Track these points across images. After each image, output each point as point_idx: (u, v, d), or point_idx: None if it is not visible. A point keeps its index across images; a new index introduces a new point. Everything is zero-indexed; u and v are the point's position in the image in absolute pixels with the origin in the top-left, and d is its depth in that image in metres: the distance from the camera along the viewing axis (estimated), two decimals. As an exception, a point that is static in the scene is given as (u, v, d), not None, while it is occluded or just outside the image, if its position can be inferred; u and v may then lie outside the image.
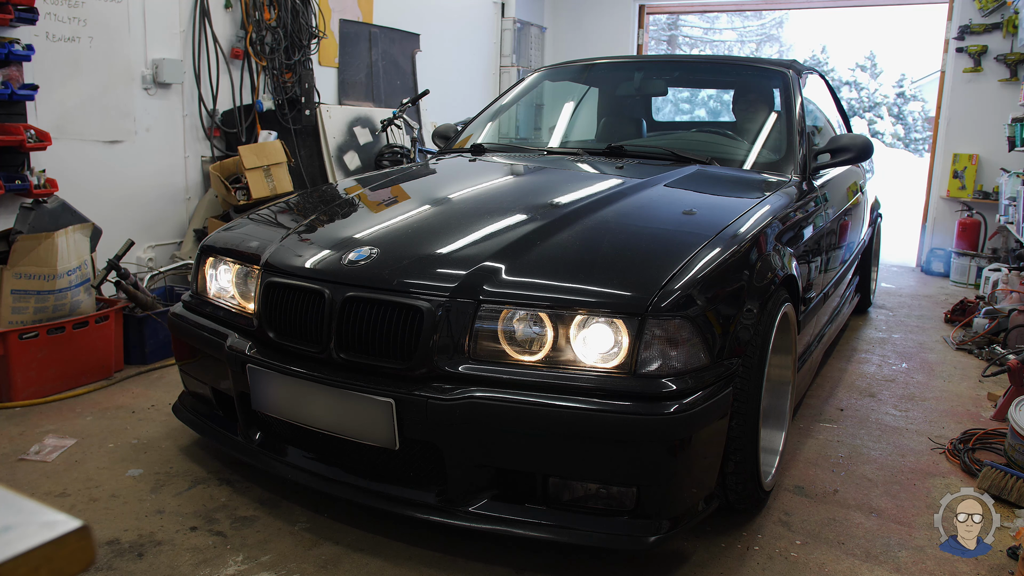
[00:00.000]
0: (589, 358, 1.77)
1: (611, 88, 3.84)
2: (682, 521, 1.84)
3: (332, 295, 1.92)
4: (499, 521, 1.83)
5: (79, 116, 3.75)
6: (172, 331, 2.47)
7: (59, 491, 2.24)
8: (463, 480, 1.84)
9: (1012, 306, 4.08)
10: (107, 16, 3.82)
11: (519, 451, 1.81)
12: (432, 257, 1.98)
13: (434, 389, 1.80)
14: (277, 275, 2.07)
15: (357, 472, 2.01)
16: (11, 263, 2.93)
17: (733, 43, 28.58)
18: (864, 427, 2.92)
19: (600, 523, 1.80)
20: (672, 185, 2.56)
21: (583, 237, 2.07)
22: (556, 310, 1.78)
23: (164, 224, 4.28)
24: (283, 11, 4.61)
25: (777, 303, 2.14)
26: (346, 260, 2.00)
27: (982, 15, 6.11)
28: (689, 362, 1.77)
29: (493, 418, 1.76)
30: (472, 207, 2.42)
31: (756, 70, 3.62)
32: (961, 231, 6.18)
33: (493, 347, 1.82)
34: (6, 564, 0.54)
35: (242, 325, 2.18)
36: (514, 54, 7.28)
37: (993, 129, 6.02)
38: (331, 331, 1.92)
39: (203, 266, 2.41)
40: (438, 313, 1.82)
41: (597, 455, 1.77)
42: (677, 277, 1.82)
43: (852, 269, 3.85)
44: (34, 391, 2.94)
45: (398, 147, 5.23)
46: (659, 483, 1.77)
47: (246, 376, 2.07)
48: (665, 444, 1.73)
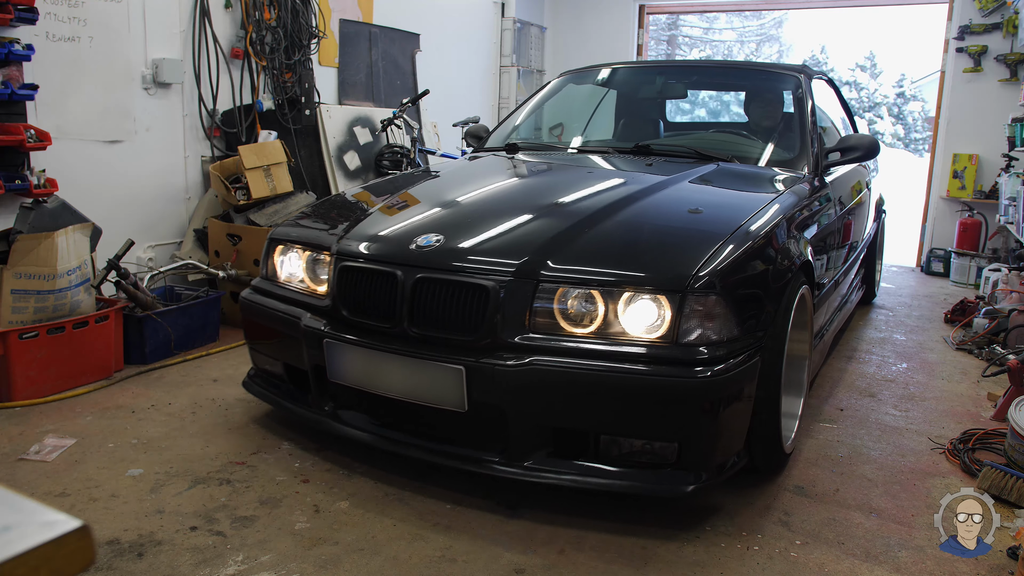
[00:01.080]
0: (635, 330, 2.03)
1: (633, 91, 4.11)
2: (716, 473, 2.09)
3: (404, 277, 2.17)
4: (556, 473, 2.08)
5: (79, 116, 3.75)
6: (244, 313, 2.71)
7: (59, 491, 2.24)
8: (523, 438, 2.09)
9: (1012, 306, 4.08)
10: (107, 16, 3.82)
11: (574, 412, 2.05)
12: (493, 243, 2.25)
13: (499, 357, 2.05)
14: (351, 260, 2.31)
15: (423, 435, 2.25)
16: (11, 263, 2.93)
17: (733, 43, 28.58)
18: (864, 427, 2.92)
19: (645, 475, 2.06)
20: (698, 180, 2.81)
21: (626, 225, 2.34)
22: (606, 288, 2.05)
23: (164, 224, 4.28)
24: (283, 11, 4.60)
25: (796, 285, 2.40)
26: (414, 245, 2.24)
27: (982, 15, 6.11)
28: (723, 333, 2.03)
29: (551, 382, 2.01)
30: (521, 198, 2.71)
31: (770, 74, 3.91)
32: (961, 231, 6.18)
33: (550, 321, 2.08)
34: (6, 564, 0.54)
35: (313, 305, 2.42)
36: (514, 54, 7.28)
37: (993, 129, 6.02)
38: (403, 308, 2.16)
39: (272, 254, 2.67)
40: (501, 292, 2.07)
41: (644, 414, 2.02)
42: (711, 260, 2.08)
43: (859, 261, 4.06)
44: (34, 391, 2.94)
45: (398, 147, 5.23)
46: (698, 439, 2.03)
47: (322, 350, 2.30)
48: (703, 404, 1.98)
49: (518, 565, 1.92)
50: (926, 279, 6.23)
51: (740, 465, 2.20)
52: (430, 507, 2.20)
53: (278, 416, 2.85)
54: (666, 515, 2.19)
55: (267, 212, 4.15)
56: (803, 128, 3.28)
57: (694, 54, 27.66)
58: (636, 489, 2.05)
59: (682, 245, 2.23)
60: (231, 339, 3.81)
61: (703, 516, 2.19)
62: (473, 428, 2.18)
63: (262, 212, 4.14)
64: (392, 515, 2.15)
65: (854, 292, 4.16)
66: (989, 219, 6.13)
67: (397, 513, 2.16)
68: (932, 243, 6.56)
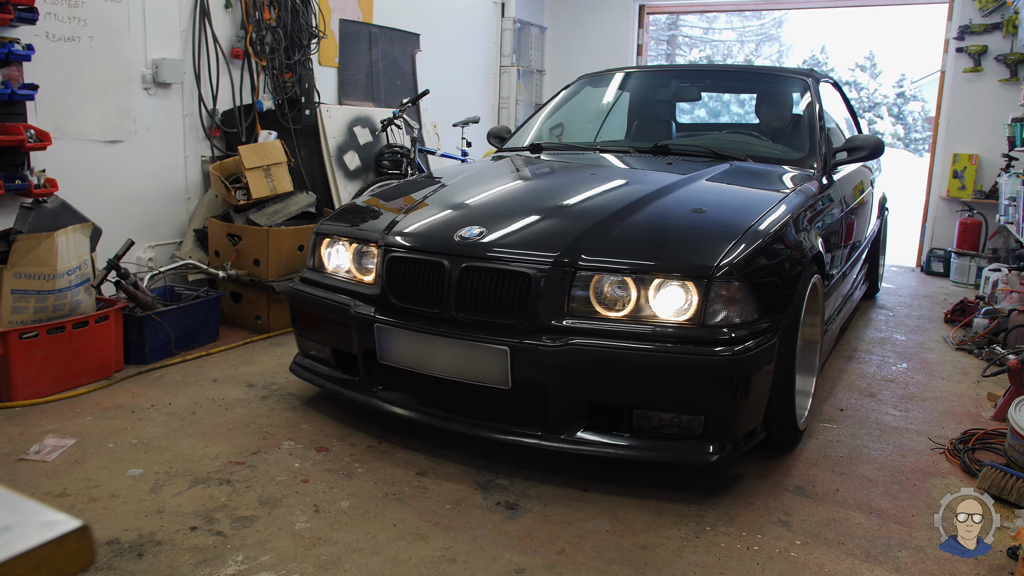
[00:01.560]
0: (665, 313, 2.23)
1: (648, 94, 4.32)
2: (739, 444, 2.28)
3: (451, 266, 2.37)
4: (592, 444, 2.27)
5: (79, 116, 3.75)
6: (293, 302, 2.88)
7: (59, 491, 2.24)
8: (562, 413, 2.28)
9: (1012, 306, 4.08)
10: (107, 16, 3.82)
11: (609, 388, 2.25)
12: (531, 235, 2.45)
13: (540, 339, 2.25)
14: (399, 251, 2.50)
15: (464, 412, 2.44)
16: (11, 263, 2.93)
17: (733, 43, 28.58)
18: (864, 427, 2.92)
19: (674, 445, 2.26)
20: (716, 178, 2.99)
21: (653, 218, 2.54)
22: (638, 275, 2.24)
23: (164, 224, 4.28)
24: (283, 11, 4.60)
25: (809, 275, 2.60)
26: (459, 237, 2.43)
27: (982, 15, 6.10)
28: (745, 316, 2.23)
29: (588, 361, 2.20)
30: (553, 194, 2.87)
31: (779, 78, 4.16)
32: (961, 231, 6.18)
33: (586, 305, 2.27)
34: (6, 564, 0.54)
35: (361, 293, 2.62)
36: (514, 54, 7.28)
37: (993, 129, 6.01)
38: (450, 295, 2.35)
39: (320, 247, 2.85)
40: (542, 279, 2.27)
41: (673, 390, 2.21)
42: (733, 250, 2.27)
43: (864, 255, 4.25)
44: (34, 391, 2.94)
45: (398, 147, 5.23)
46: (722, 412, 2.21)
47: (373, 335, 2.49)
48: (727, 380, 2.17)
49: (518, 565, 1.92)
50: (926, 279, 6.23)
51: (759, 439, 2.39)
52: (430, 507, 2.20)
53: (278, 416, 2.85)
54: (666, 515, 2.19)
55: (267, 212, 4.15)
56: (812, 129, 3.47)
57: (694, 54, 27.66)
58: (666, 458, 2.24)
59: (706, 236, 2.43)
60: (231, 339, 3.81)
61: (703, 516, 2.20)
62: (514, 404, 2.36)
63: (262, 212, 4.14)
64: (392, 515, 2.15)
65: (859, 287, 4.32)
66: (989, 219, 6.13)
67: (397, 513, 2.16)
68: (932, 243, 6.56)
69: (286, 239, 3.97)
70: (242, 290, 4.00)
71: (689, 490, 2.35)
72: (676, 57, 26.19)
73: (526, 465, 2.49)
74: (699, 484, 2.39)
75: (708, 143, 3.63)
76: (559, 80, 7.97)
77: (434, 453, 2.56)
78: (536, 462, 2.50)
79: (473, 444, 2.59)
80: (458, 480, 2.37)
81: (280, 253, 3.94)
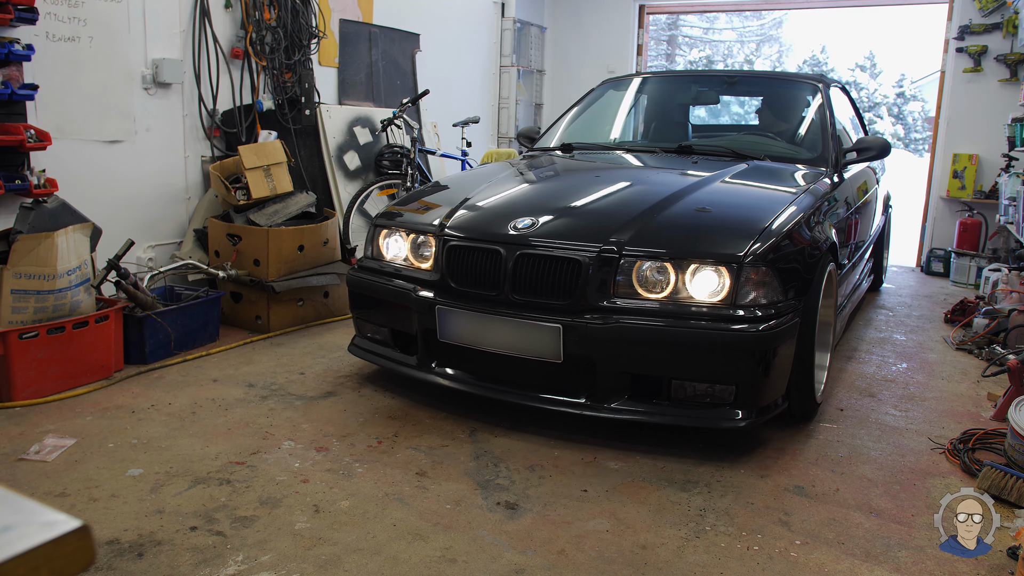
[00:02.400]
0: (700, 295, 2.50)
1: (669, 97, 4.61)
2: (764, 412, 2.56)
3: (507, 253, 2.65)
4: (634, 412, 2.55)
5: (79, 116, 3.75)
6: (352, 287, 3.15)
7: (59, 491, 2.24)
8: (608, 384, 2.56)
9: (1012, 306, 4.08)
10: (107, 16, 3.82)
11: (650, 361, 2.52)
12: (579, 225, 2.73)
13: (589, 318, 2.52)
14: (457, 240, 2.77)
15: (516, 385, 2.71)
16: (11, 263, 2.93)
17: (733, 43, 28.58)
18: (864, 427, 2.92)
19: (709, 412, 2.53)
20: (738, 175, 3.25)
21: (688, 210, 2.80)
22: (676, 261, 2.51)
23: (164, 224, 4.28)
24: (283, 11, 4.60)
25: (825, 262, 2.87)
26: (513, 228, 2.71)
27: (982, 15, 6.10)
28: (770, 298, 2.51)
29: (633, 337, 2.48)
30: (594, 189, 3.10)
31: (793, 83, 4.48)
32: (961, 231, 6.18)
33: (629, 288, 2.55)
34: (6, 564, 0.54)
35: (420, 278, 2.88)
36: (514, 54, 7.27)
37: (993, 129, 6.01)
38: (506, 279, 2.63)
39: (378, 237, 3.13)
40: (590, 265, 2.54)
41: (708, 362, 2.48)
42: (760, 239, 2.55)
43: (870, 249, 4.51)
44: (34, 391, 2.94)
45: (398, 147, 5.23)
46: (751, 382, 2.47)
47: (434, 316, 2.75)
48: (756, 354, 2.44)
49: (518, 565, 1.92)
50: (926, 279, 6.23)
51: (781, 408, 2.67)
52: (430, 507, 2.20)
53: (278, 416, 2.85)
54: (666, 515, 2.19)
55: (267, 212, 4.15)
56: (824, 130, 3.75)
57: (694, 54, 27.66)
58: (700, 423, 2.52)
59: (735, 227, 2.69)
60: (231, 339, 3.81)
61: (703, 516, 2.20)
62: (565, 377, 2.63)
63: (262, 212, 4.14)
64: (392, 515, 2.15)
65: (865, 279, 4.60)
66: (989, 219, 6.13)
67: (397, 513, 2.16)
68: (932, 243, 6.56)
69: (286, 239, 3.97)
70: (242, 290, 4.00)
71: (690, 490, 2.35)
72: (676, 57, 26.19)
73: (526, 465, 2.49)
74: (700, 483, 2.39)
75: (729, 143, 3.91)
76: (559, 80, 7.98)
77: (434, 453, 2.56)
78: (536, 463, 2.50)
79: (476, 444, 2.58)
80: (458, 480, 2.38)
81: (280, 253, 3.94)
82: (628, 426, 2.73)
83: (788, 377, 2.64)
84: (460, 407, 2.97)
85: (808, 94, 4.13)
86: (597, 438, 2.72)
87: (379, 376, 3.33)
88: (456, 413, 2.92)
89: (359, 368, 3.44)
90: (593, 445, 2.66)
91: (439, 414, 2.91)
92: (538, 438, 2.71)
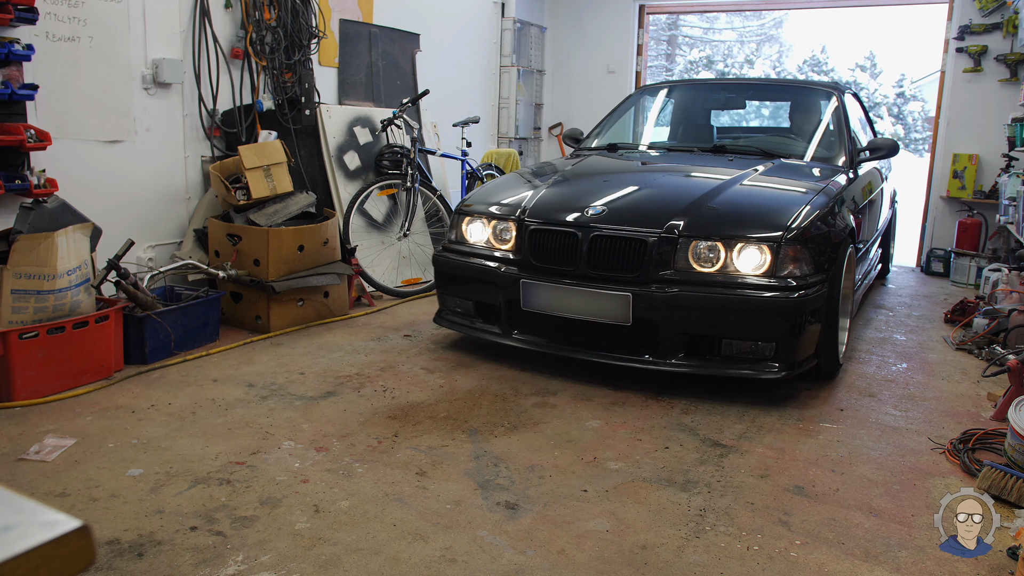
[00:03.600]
0: (746, 268, 3.02)
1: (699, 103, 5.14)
2: (799, 366, 3.08)
3: (582, 235, 3.16)
4: (690, 366, 3.07)
5: (79, 116, 3.75)
6: (439, 267, 3.66)
7: (59, 491, 2.24)
8: (669, 343, 3.07)
9: (1012, 306, 4.08)
10: (107, 16, 3.82)
11: (705, 322, 3.04)
12: (643, 211, 3.24)
13: (653, 288, 3.04)
14: (537, 225, 3.30)
15: (588, 347, 3.22)
16: (11, 263, 2.93)
17: (733, 43, 28.58)
18: (864, 427, 2.92)
19: (753, 365, 3.04)
20: (769, 171, 3.75)
21: (734, 198, 3.33)
22: (726, 241, 3.03)
23: (164, 224, 4.28)
24: (283, 11, 4.60)
25: (846, 244, 3.38)
26: (587, 213, 3.22)
27: (982, 15, 6.10)
28: (804, 271, 3.02)
29: (690, 303, 3.00)
30: (650, 182, 3.69)
31: (812, 90, 5.07)
32: (961, 231, 6.18)
33: (686, 263, 3.06)
34: (6, 564, 0.54)
35: (502, 258, 3.40)
36: (514, 54, 7.27)
37: (993, 129, 6.01)
38: (582, 256, 3.15)
39: (461, 224, 3.63)
40: (655, 245, 3.07)
41: (752, 324, 2.99)
42: (794, 223, 3.07)
43: (879, 238, 4.99)
44: (34, 391, 2.94)
45: (398, 147, 5.22)
46: (788, 341, 2.99)
47: (518, 288, 3.27)
48: (792, 316, 2.94)
49: (518, 565, 1.92)
50: (926, 279, 6.23)
51: (811, 365, 3.17)
52: (430, 507, 2.20)
53: (278, 416, 2.85)
54: (666, 515, 2.19)
55: (267, 212, 4.15)
56: (840, 132, 4.27)
57: (694, 54, 27.67)
58: (746, 375, 3.01)
59: (774, 212, 3.18)
60: (231, 339, 3.81)
61: (703, 516, 2.20)
62: (632, 338, 3.14)
63: (262, 212, 4.14)
64: (392, 515, 2.15)
65: (874, 267, 5.07)
66: (989, 219, 6.12)
67: (397, 513, 2.16)
68: (932, 243, 6.56)
69: (286, 239, 3.97)
70: (242, 290, 4.00)
71: (690, 490, 2.35)
72: (676, 57, 26.20)
73: (526, 465, 2.49)
74: (700, 483, 2.39)
75: (758, 144, 4.46)
76: (559, 80, 7.98)
77: (434, 453, 2.56)
78: (536, 463, 2.50)
79: (476, 442, 2.58)
80: (458, 480, 2.38)
81: (280, 253, 3.94)
82: (685, 379, 3.30)
83: (817, 338, 3.14)
84: (460, 407, 2.98)
85: (825, 100, 4.63)
86: (597, 438, 2.72)
87: (379, 376, 3.34)
88: (456, 413, 2.92)
89: (359, 368, 3.44)
90: (593, 445, 2.66)
91: (439, 414, 2.92)
92: (538, 438, 2.71)
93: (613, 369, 3.33)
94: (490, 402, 3.06)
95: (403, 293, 4.86)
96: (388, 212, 5.15)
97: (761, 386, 3.31)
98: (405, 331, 4.09)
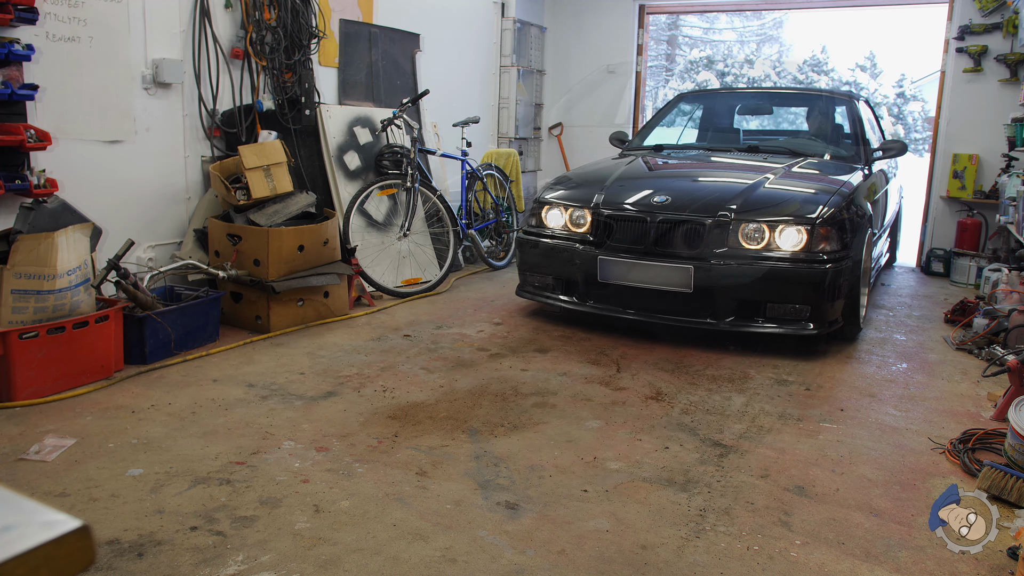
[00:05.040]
0: (786, 246, 3.69)
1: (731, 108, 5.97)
2: (829, 326, 3.75)
3: (651, 220, 3.84)
4: (742, 326, 3.73)
5: (79, 116, 3.75)
6: (520, 247, 4.41)
7: (59, 491, 2.24)
8: (722, 307, 3.74)
9: (1012, 306, 4.08)
10: (107, 16, 3.82)
11: (752, 290, 3.68)
12: (701, 200, 3.89)
13: (710, 262, 3.71)
14: (610, 211, 3.99)
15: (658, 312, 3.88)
16: (11, 263, 2.93)
17: (733, 43, 28.58)
18: (864, 427, 2.92)
19: (792, 324, 3.71)
20: (800, 167, 4.44)
21: (774, 189, 3.99)
22: (770, 223, 3.71)
23: (164, 224, 4.28)
24: (283, 11, 4.60)
25: (865, 227, 4.04)
26: (654, 201, 3.92)
27: (982, 15, 6.10)
28: (833, 247, 3.70)
29: (741, 274, 3.67)
30: (703, 175, 4.51)
31: (831, 97, 5.74)
32: (961, 231, 6.17)
33: (737, 242, 3.73)
34: (6, 564, 0.54)
35: (579, 239, 4.08)
36: (514, 54, 7.27)
37: (993, 129, 6.01)
38: (650, 237, 3.83)
39: (541, 211, 4.31)
40: (712, 227, 3.74)
41: (792, 290, 3.66)
42: (824, 208, 3.75)
43: (889, 229, 5.62)
44: (34, 391, 2.94)
45: (398, 147, 5.22)
46: (821, 304, 3.66)
47: (595, 264, 3.94)
48: (824, 284, 3.63)
49: (518, 565, 1.92)
50: (926, 279, 6.23)
51: (838, 326, 3.82)
52: (430, 507, 2.20)
53: (278, 416, 2.85)
54: (666, 515, 2.19)
55: (267, 212, 4.15)
56: (856, 135, 5.05)
57: (694, 54, 27.66)
58: (786, 332, 3.68)
59: (808, 200, 3.84)
60: (231, 339, 3.81)
61: (703, 516, 2.20)
62: (692, 303, 3.78)
63: (262, 212, 4.14)
64: (392, 515, 2.15)
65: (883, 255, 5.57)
66: (989, 219, 6.12)
67: (397, 513, 2.16)
68: (932, 243, 6.56)
69: (286, 239, 3.97)
70: (242, 290, 4.00)
71: (690, 490, 2.35)
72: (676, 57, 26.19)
73: (526, 465, 2.49)
74: (700, 483, 2.39)
75: (786, 144, 5.11)
76: (559, 80, 7.97)
77: (434, 453, 2.57)
78: (536, 463, 2.50)
79: (476, 447, 2.58)
80: (458, 480, 2.38)
81: (280, 253, 3.94)
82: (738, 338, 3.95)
83: (843, 304, 3.78)
84: (460, 407, 2.98)
85: (843, 105, 5.42)
86: (597, 438, 2.72)
87: (379, 376, 3.33)
88: (456, 413, 2.92)
89: (359, 368, 3.44)
90: (593, 445, 2.67)
91: (439, 414, 2.92)
92: (538, 438, 2.71)
93: (612, 369, 3.31)
94: (490, 402, 3.06)
95: (403, 293, 4.86)
96: (388, 212, 5.15)
97: (763, 382, 3.31)
98: (405, 331, 4.09)
